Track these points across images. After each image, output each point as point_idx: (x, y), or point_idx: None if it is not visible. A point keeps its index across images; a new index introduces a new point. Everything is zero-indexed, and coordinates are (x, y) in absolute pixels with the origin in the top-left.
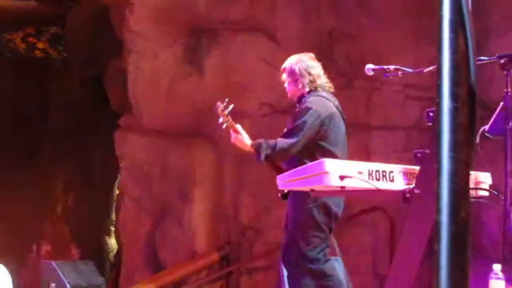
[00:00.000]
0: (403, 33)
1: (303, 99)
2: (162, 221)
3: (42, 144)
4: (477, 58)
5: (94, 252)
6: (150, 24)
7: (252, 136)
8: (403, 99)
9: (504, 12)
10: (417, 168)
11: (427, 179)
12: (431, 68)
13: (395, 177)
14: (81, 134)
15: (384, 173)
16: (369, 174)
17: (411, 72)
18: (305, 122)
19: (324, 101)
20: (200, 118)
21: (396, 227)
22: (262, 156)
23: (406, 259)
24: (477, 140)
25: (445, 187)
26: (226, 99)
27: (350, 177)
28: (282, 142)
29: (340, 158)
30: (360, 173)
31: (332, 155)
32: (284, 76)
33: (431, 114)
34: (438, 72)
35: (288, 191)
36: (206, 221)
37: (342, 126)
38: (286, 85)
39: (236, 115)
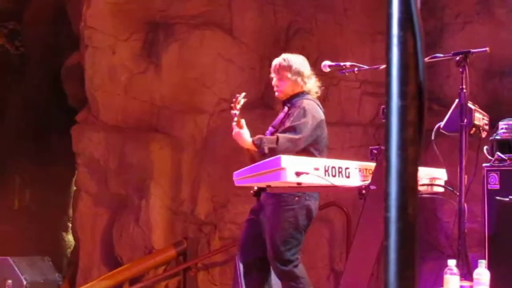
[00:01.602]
0: (359, 29)
1: (297, 99)
2: (119, 217)
3: (0, 139)
4: (433, 55)
5: (51, 248)
6: (107, 19)
7: (209, 132)
8: (359, 96)
9: (459, 9)
10: (373, 164)
11: (382, 175)
12: None
13: (351, 173)
14: (38, 130)
15: (340, 169)
16: (325, 170)
17: (367, 69)
18: (307, 123)
19: (316, 106)
20: (158, 113)
21: (352, 223)
22: (266, 149)
23: (362, 254)
24: (433, 136)
25: (394, 184)
26: (243, 93)
27: (307, 173)
28: (284, 137)
29: None
30: (316, 169)
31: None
32: (277, 75)
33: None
34: (387, 70)
35: (259, 190)
36: (163, 217)
37: (326, 131)
38: (280, 81)
39: (195, 111)
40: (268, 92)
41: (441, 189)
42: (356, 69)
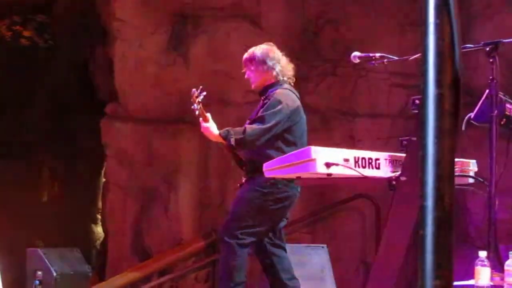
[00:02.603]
0: (388, 20)
1: (270, 90)
2: (148, 209)
3: (28, 132)
4: (462, 46)
5: (81, 240)
6: (135, 11)
7: (237, 124)
8: (388, 87)
9: None
10: (403, 155)
11: (413, 166)
12: (417, 55)
13: (381, 165)
14: (67, 122)
15: (370, 161)
16: (355, 162)
17: (396, 60)
18: (276, 113)
19: (291, 94)
20: (185, 105)
21: (381, 214)
22: (232, 141)
23: (392, 246)
24: (463, 127)
25: (430, 173)
26: (200, 87)
27: (336, 164)
28: (251, 128)
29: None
30: (346, 160)
31: (297, 146)
32: (250, 66)
33: (416, 101)
34: (423, 59)
35: (245, 182)
36: (192, 208)
37: (304, 118)
38: (250, 74)
39: (221, 103)
40: (296, 84)
41: (471, 180)
42: (385, 60)
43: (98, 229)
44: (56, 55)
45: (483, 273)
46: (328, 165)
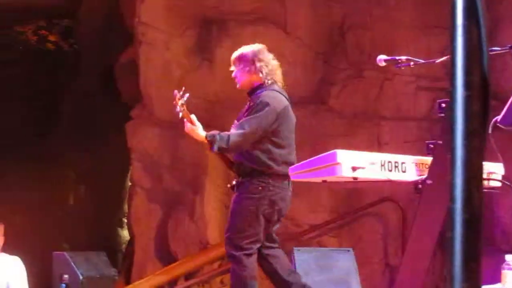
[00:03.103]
0: (414, 23)
1: (258, 92)
2: (173, 212)
3: (54, 136)
4: (489, 48)
5: (106, 244)
6: (160, 15)
7: None
8: (414, 90)
9: None
10: (429, 159)
11: (440, 169)
12: (443, 58)
13: (407, 168)
14: (92, 126)
15: (396, 164)
16: (381, 165)
17: (423, 63)
18: (261, 117)
19: (279, 96)
20: (211, 108)
21: (407, 218)
22: (215, 148)
23: (418, 249)
24: (490, 130)
25: (459, 175)
26: (183, 88)
27: (363, 168)
28: (235, 135)
29: (292, 149)
30: (372, 164)
31: (285, 147)
32: (238, 65)
33: (442, 104)
34: (451, 61)
35: (237, 183)
36: (217, 212)
37: (293, 119)
38: (237, 74)
39: None
40: (321, 88)
41: (498, 184)
42: (411, 63)
43: (124, 233)
44: (81, 59)
45: (510, 277)
46: (354, 169)
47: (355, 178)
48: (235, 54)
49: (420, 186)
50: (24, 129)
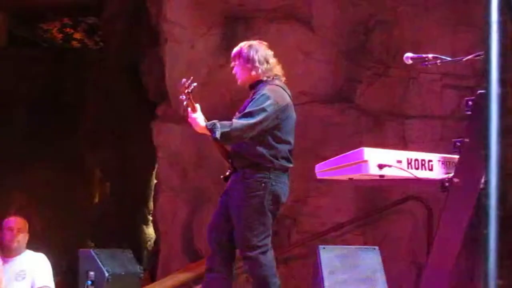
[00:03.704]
0: (440, 21)
1: (259, 86)
2: (199, 210)
3: (80, 133)
4: None
5: (132, 241)
6: (186, 13)
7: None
8: (440, 88)
9: None
10: (456, 157)
11: (467, 167)
12: (471, 56)
13: (434, 166)
14: (118, 124)
15: (423, 162)
16: (408, 163)
17: (450, 61)
18: (264, 109)
19: (281, 91)
20: (236, 107)
21: (433, 216)
22: (217, 134)
23: (445, 247)
24: None
25: (494, 172)
26: (191, 77)
27: (389, 166)
28: (237, 122)
29: (292, 146)
30: (399, 162)
31: (286, 143)
32: (237, 62)
33: (470, 102)
34: (485, 58)
35: (230, 175)
36: None
37: (294, 114)
38: (237, 70)
39: None
40: (347, 86)
41: None
42: (438, 61)
43: (149, 230)
44: (106, 56)
45: None
46: (381, 166)
47: (381, 176)
48: (235, 50)
49: (447, 184)
50: (49, 127)
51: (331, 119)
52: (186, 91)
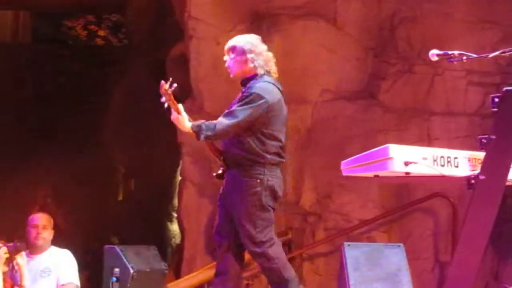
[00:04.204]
0: (465, 18)
1: (251, 83)
2: None
3: (104, 130)
4: None
5: (156, 238)
6: (211, 10)
7: (313, 122)
8: (465, 85)
9: None
10: (482, 154)
11: (493, 164)
12: (496, 53)
13: (460, 163)
14: (142, 121)
15: (449, 159)
16: (434, 160)
17: (476, 58)
18: (250, 107)
19: (272, 87)
20: None
21: (458, 213)
22: (202, 137)
23: (470, 245)
24: None
25: None
26: (170, 78)
27: (415, 163)
28: (222, 123)
29: (283, 141)
30: (424, 158)
31: (277, 139)
32: (231, 55)
33: (496, 99)
34: None
35: (223, 173)
36: None
37: (285, 110)
38: (230, 63)
39: (298, 101)
40: (372, 82)
41: None
42: (464, 57)
43: (174, 227)
44: (131, 53)
45: None
46: (406, 163)
47: (407, 173)
48: (229, 44)
49: (473, 181)
50: (74, 124)
51: (356, 116)
52: (166, 92)
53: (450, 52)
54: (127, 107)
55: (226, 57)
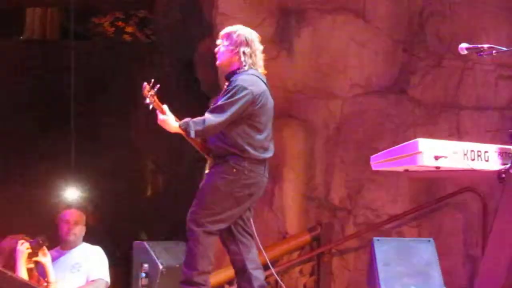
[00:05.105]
0: (495, 11)
1: (235, 76)
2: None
3: (131, 126)
4: None
5: (185, 233)
6: (238, 5)
7: (343, 117)
8: (495, 79)
9: None
10: None
11: None
12: None
13: (490, 157)
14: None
15: (479, 153)
16: (464, 154)
17: (506, 51)
18: (237, 100)
19: (256, 80)
20: (291, 98)
21: (488, 208)
22: (192, 133)
23: (501, 240)
24: None
25: None
26: (152, 80)
27: (445, 157)
28: (210, 119)
29: (270, 135)
30: (455, 152)
31: (263, 133)
32: (224, 42)
33: None
34: None
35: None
36: (296, 202)
37: (271, 104)
38: (222, 50)
39: (327, 96)
40: (401, 77)
41: None
42: (494, 51)
43: None
44: (158, 50)
45: None
46: (436, 158)
47: (437, 167)
48: (226, 30)
49: (503, 175)
50: (103, 120)
51: (385, 110)
52: (149, 94)
53: (479, 46)
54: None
55: (219, 41)
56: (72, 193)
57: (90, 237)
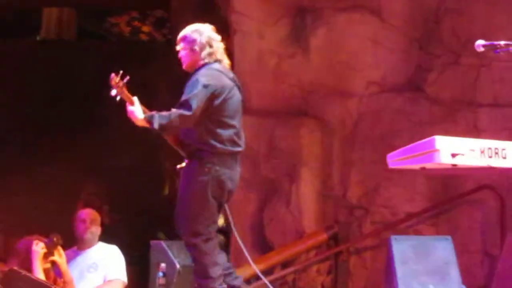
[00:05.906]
0: (511, 7)
1: (195, 71)
2: (269, 201)
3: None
4: None
5: None
6: (254, 4)
7: (359, 115)
8: None
9: None
10: None
11: None
12: None
13: (508, 154)
14: None
15: (497, 150)
16: (481, 151)
17: None
18: (197, 95)
19: (217, 74)
20: (307, 97)
21: (506, 206)
22: (156, 125)
23: None
24: None
25: None
26: (121, 71)
27: (462, 154)
28: (176, 114)
29: (238, 129)
30: (472, 150)
31: (230, 127)
32: (182, 45)
33: None
34: None
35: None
36: (314, 201)
37: (237, 98)
38: (182, 54)
39: (343, 95)
40: (418, 74)
41: None
42: (511, 48)
43: (220, 222)
44: (175, 49)
45: None
46: (453, 155)
47: (454, 165)
48: (180, 34)
49: None
50: (120, 119)
51: (402, 108)
52: (117, 85)
53: (496, 43)
54: (171, 102)
55: (178, 47)
56: (86, 194)
57: (107, 237)
